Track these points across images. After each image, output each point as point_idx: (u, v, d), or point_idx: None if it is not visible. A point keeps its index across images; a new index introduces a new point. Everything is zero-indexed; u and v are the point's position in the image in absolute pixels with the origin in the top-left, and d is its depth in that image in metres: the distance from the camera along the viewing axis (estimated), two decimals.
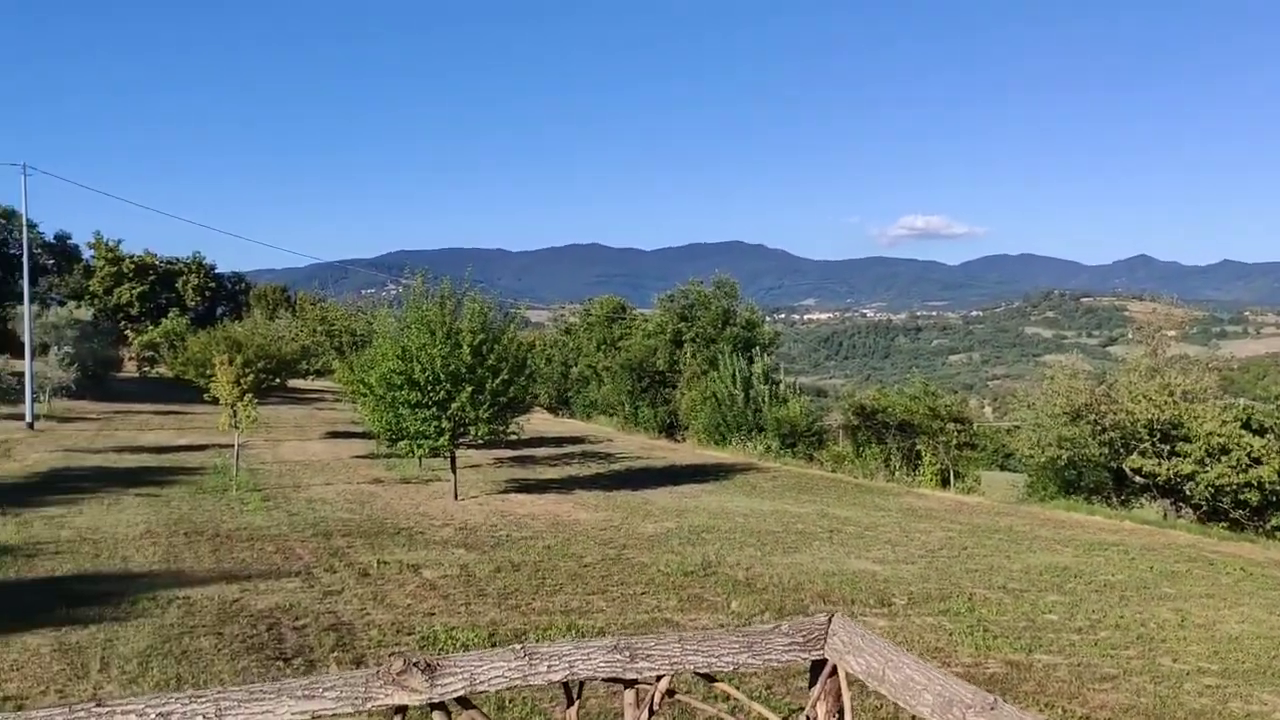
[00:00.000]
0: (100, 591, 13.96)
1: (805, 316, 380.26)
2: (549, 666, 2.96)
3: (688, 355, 45.19)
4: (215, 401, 30.09)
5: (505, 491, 25.77)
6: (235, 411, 26.84)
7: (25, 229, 45.90)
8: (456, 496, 24.16)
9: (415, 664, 2.82)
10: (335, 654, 11.66)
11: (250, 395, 27.77)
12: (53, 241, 69.38)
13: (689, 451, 38.74)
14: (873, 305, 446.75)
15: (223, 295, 75.92)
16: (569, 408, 54.59)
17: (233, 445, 27.52)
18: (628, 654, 3.06)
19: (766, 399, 38.23)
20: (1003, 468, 44.18)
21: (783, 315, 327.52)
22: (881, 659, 3.11)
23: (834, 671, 3.24)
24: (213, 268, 74.82)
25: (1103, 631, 13.77)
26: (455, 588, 15.20)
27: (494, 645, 12.16)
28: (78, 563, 15.75)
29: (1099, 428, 28.81)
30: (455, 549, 18.22)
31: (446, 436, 23.16)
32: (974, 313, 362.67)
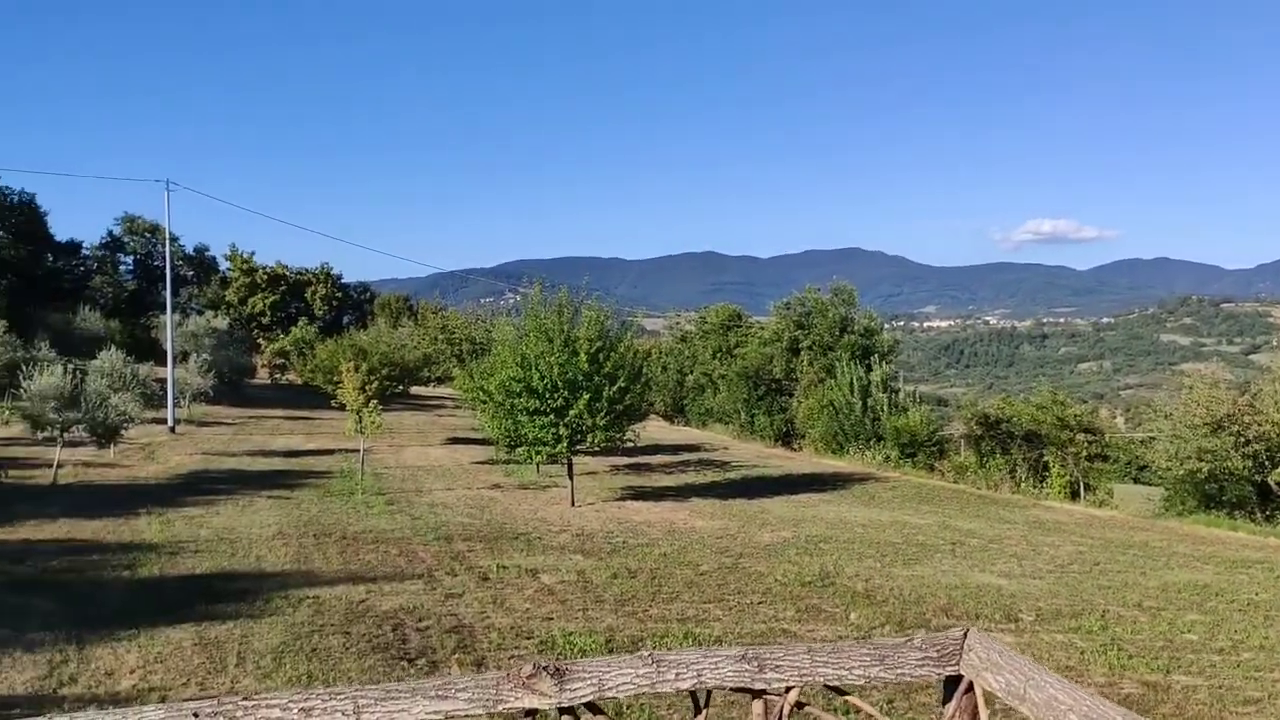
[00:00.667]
0: (236, 589, 14.52)
1: (924, 324, 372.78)
2: (677, 674, 2.92)
3: (804, 363, 44.72)
4: (342, 407, 31.10)
5: (621, 498, 25.88)
6: (361, 417, 27.66)
7: (168, 242, 48.29)
8: (573, 503, 24.37)
9: (545, 668, 2.82)
10: (457, 655, 11.85)
11: (375, 401, 28.60)
12: (192, 254, 72.77)
13: (806, 460, 38.30)
14: (995, 312, 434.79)
15: (349, 304, 78.37)
16: (684, 415, 54.58)
17: (358, 450, 28.36)
18: (756, 664, 3.00)
19: (885, 408, 37.53)
20: (1136, 480, 42.42)
21: (901, 322, 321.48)
22: (1022, 677, 2.97)
23: (970, 688, 3.11)
24: (339, 278, 77.35)
25: (1246, 653, 13.04)
26: (573, 593, 15.31)
27: (611, 651, 12.21)
28: (216, 561, 16.41)
29: (1242, 439, 27.38)
30: (572, 555, 18.37)
31: (564, 443, 23.39)
32: (1105, 319, 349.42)
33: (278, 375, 61.41)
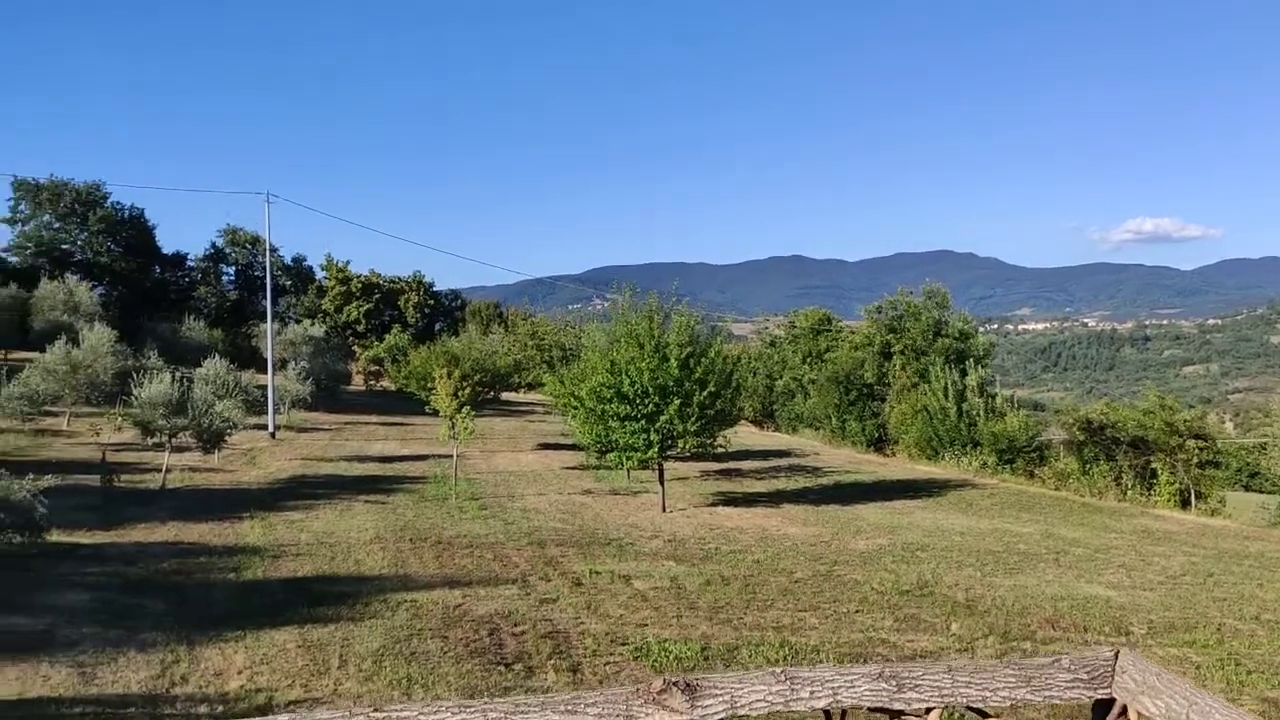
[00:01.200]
0: (336, 592, 14.78)
1: (1019, 327, 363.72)
2: (811, 692, 2.80)
3: (897, 367, 43.99)
4: (435, 413, 31.54)
5: (713, 504, 25.73)
6: (454, 423, 28.00)
7: (268, 253, 49.68)
8: (664, 509, 24.30)
9: (675, 684, 2.73)
10: (553, 661, 11.87)
11: (468, 407, 28.93)
12: (290, 264, 74.78)
13: (899, 466, 37.64)
14: (1094, 314, 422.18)
15: (440, 312, 79.63)
16: (774, 421, 54.15)
17: (451, 456, 28.71)
18: (894, 683, 2.86)
19: (981, 412, 36.66)
20: (1247, 488, 40.72)
21: (994, 325, 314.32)
22: (1184, 701, 2.76)
23: (1124, 712, 2.91)
24: (431, 286, 78.66)
25: None
26: (666, 600, 15.24)
27: (706, 659, 12.11)
28: (316, 565, 16.74)
29: None
30: (665, 561, 18.30)
31: (655, 449, 23.34)
32: (1211, 321, 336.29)
33: (372, 382, 62.61)
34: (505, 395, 52.10)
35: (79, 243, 64.30)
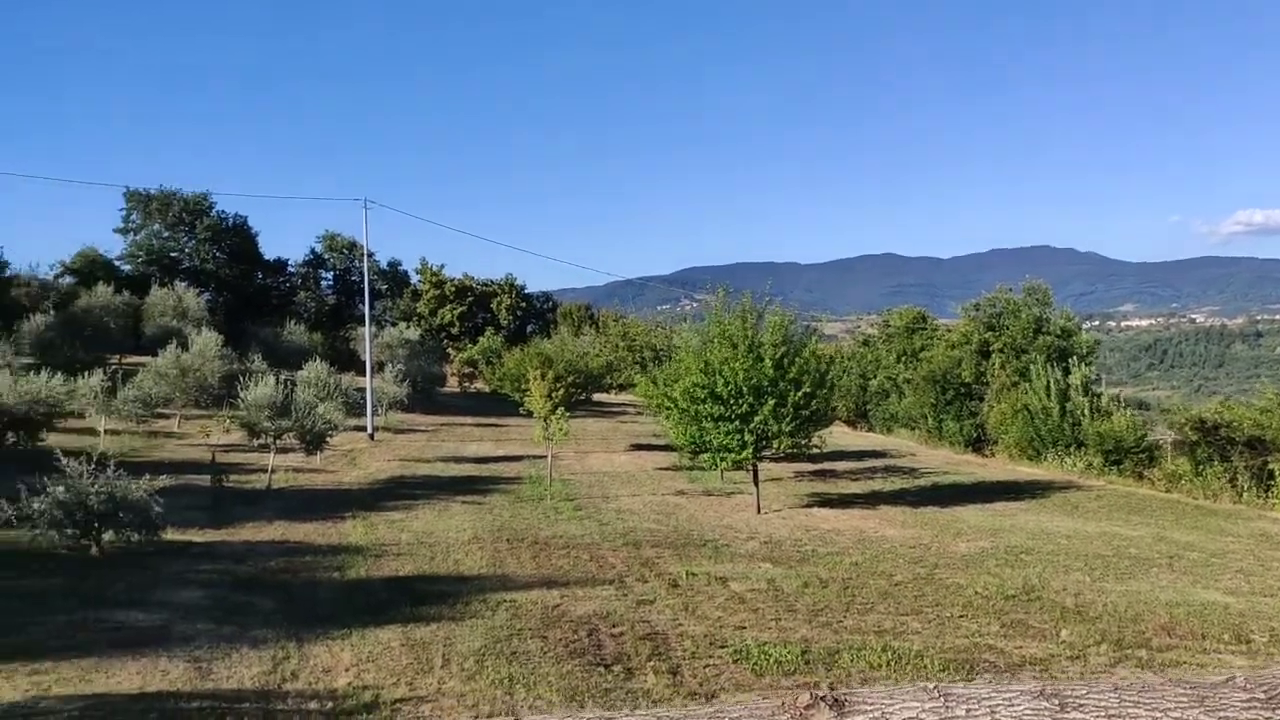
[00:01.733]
0: (437, 591, 14.99)
1: (1122, 323, 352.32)
2: (968, 710, 2.66)
3: (996, 366, 42.92)
4: (529, 414, 31.81)
5: (808, 505, 25.44)
6: (548, 424, 28.20)
7: (366, 258, 50.79)
8: (759, 510, 24.11)
9: (823, 698, 2.63)
10: (652, 663, 11.84)
11: (562, 409, 29.11)
12: (386, 269, 76.28)
13: (999, 467, 36.74)
14: (1202, 309, 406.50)
15: (532, 314, 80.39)
16: (868, 421, 53.35)
17: (546, 456, 28.92)
18: (1056, 702, 2.70)
19: (1086, 412, 35.51)
20: None
21: (1096, 322, 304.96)
22: None
23: None
24: (523, 288, 79.49)
25: None
26: (764, 602, 15.09)
27: (807, 662, 11.94)
28: (417, 564, 17.00)
29: None
30: (761, 563, 18.14)
31: (749, 449, 23.16)
32: None
33: (467, 384, 63.46)
34: (597, 396, 52.32)
35: (187, 250, 66.62)
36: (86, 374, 30.49)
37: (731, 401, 22.93)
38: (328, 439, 26.86)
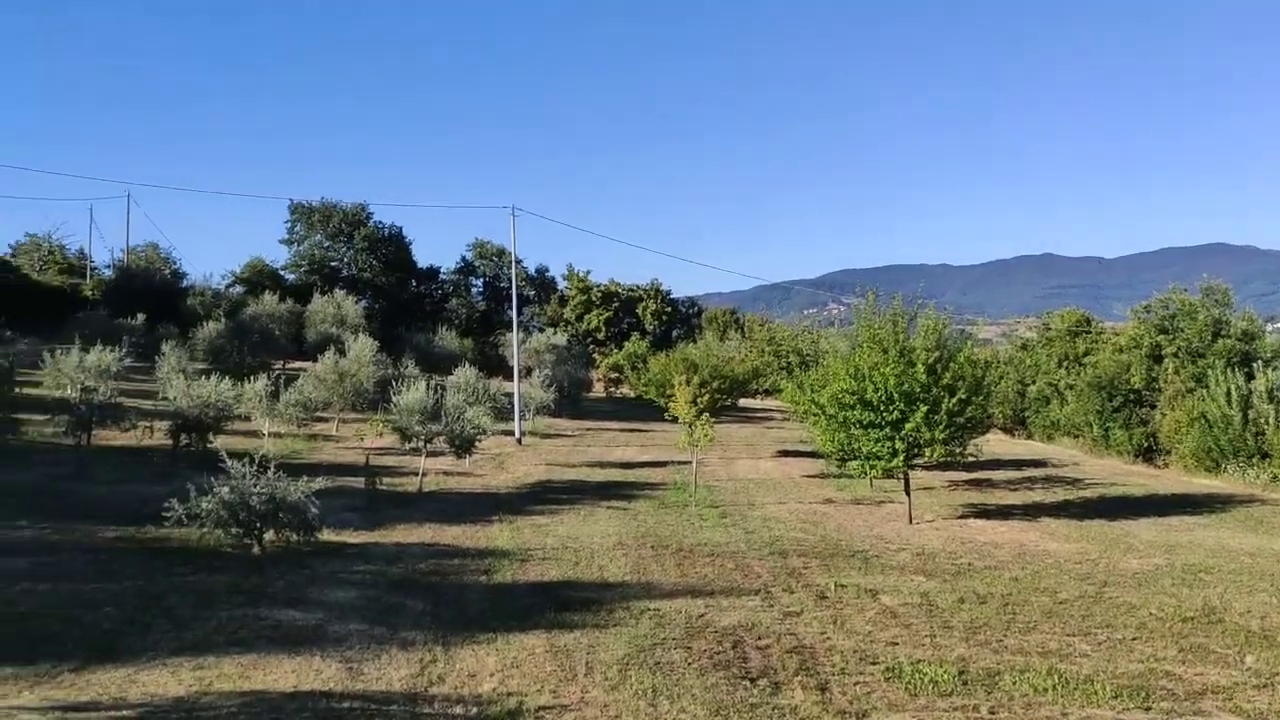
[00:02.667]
0: (582, 598, 14.94)
1: None
2: None
3: (1169, 371, 40.44)
4: (674, 420, 31.69)
5: (963, 516, 24.46)
6: (693, 429, 28.00)
7: (514, 265, 51.75)
8: (911, 520, 23.31)
9: None
10: (799, 678, 11.47)
11: (707, 414, 28.88)
12: (534, 275, 77.78)
13: (1173, 479, 34.62)
14: None
15: (677, 319, 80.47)
16: (1026, 428, 51.22)
17: (690, 462, 28.73)
18: None
19: (1271, 420, 33.04)
20: None
21: (1279, 325, 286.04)
22: None
23: None
24: (668, 293, 79.69)
25: None
26: (917, 617, 14.49)
27: (965, 683, 11.34)
28: (561, 569, 17.03)
29: None
30: (914, 575, 17.47)
31: (900, 457, 22.40)
32: None
33: (612, 389, 64.00)
34: (742, 401, 51.91)
35: (345, 260, 69.43)
36: (252, 379, 31.94)
37: (881, 408, 22.24)
38: (476, 443, 27.31)
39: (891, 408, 22.15)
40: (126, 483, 23.28)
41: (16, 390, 22.00)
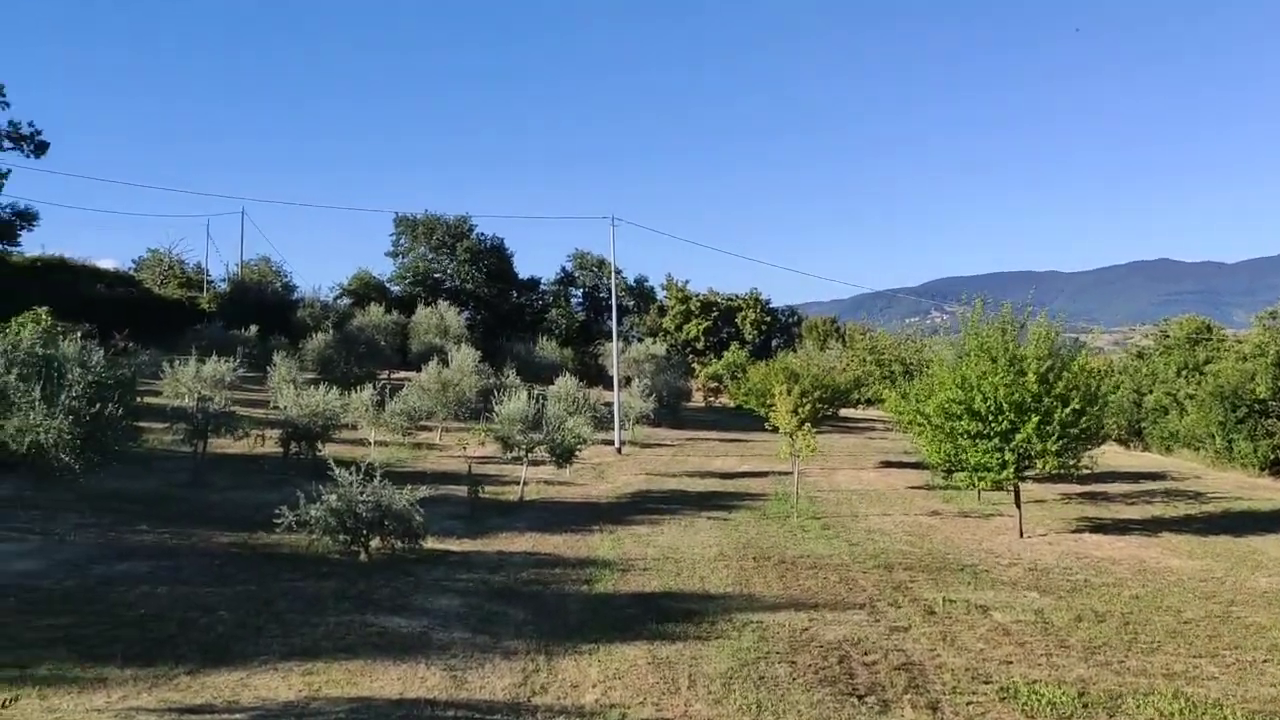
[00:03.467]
0: (683, 609, 14.78)
1: None
2: None
3: None
4: (775, 430, 31.27)
5: (1077, 530, 23.57)
6: (794, 440, 27.59)
7: (613, 275, 51.94)
8: (1022, 533, 22.56)
9: None
10: (909, 696, 11.14)
11: (808, 424, 28.43)
12: (633, 285, 77.94)
13: None
14: None
15: (777, 328, 79.75)
16: (1142, 439, 49.20)
17: (792, 473, 28.33)
18: None
19: None
20: None
21: None
22: None
23: None
24: (768, 302, 79.03)
25: None
26: (1032, 635, 13.97)
27: (1085, 706, 10.86)
28: (663, 580, 16.89)
29: None
30: (1026, 591, 16.87)
31: (1010, 469, 21.68)
32: None
33: (711, 399, 63.61)
34: (844, 411, 51.04)
35: (448, 271, 70.62)
36: (359, 388, 32.63)
37: (990, 418, 21.56)
38: (577, 453, 27.38)
39: (1001, 418, 21.46)
40: (239, 489, 23.97)
41: (139, 400, 22.79)
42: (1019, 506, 23.16)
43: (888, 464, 36.98)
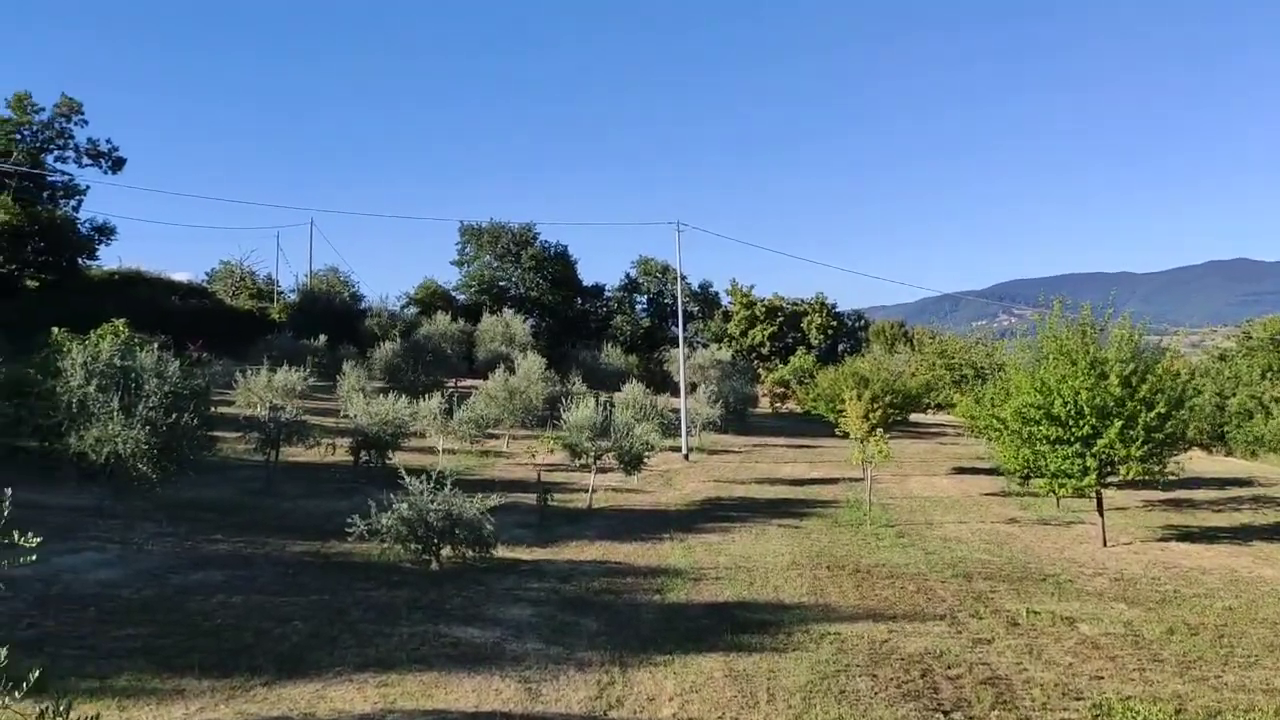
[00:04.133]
0: (758, 620, 14.50)
1: None
2: None
3: None
4: (844, 435, 30.82)
5: (1163, 539, 22.81)
6: (866, 445, 27.14)
7: (679, 280, 51.73)
8: (1105, 542, 21.86)
9: None
10: (996, 712, 10.77)
11: (880, 429, 27.96)
12: (698, 290, 77.63)
13: None
14: None
15: (843, 333, 78.91)
16: (1225, 444, 47.73)
17: (863, 479, 27.86)
18: None
19: None
20: None
21: None
22: None
23: None
24: (834, 307, 78.24)
25: None
26: (1122, 648, 13.46)
27: None
28: (736, 589, 16.62)
29: None
30: (1114, 603, 16.29)
31: (1092, 476, 21.02)
32: None
33: (778, 404, 63.10)
34: (913, 416, 50.25)
35: (513, 279, 71.01)
36: (427, 397, 32.82)
37: (1071, 423, 20.93)
38: (645, 459, 27.21)
39: (1082, 423, 20.82)
40: (311, 498, 24.19)
41: (212, 409, 23.13)
42: (1101, 514, 22.45)
43: (960, 470, 36.23)
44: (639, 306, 77.94)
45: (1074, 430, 20.99)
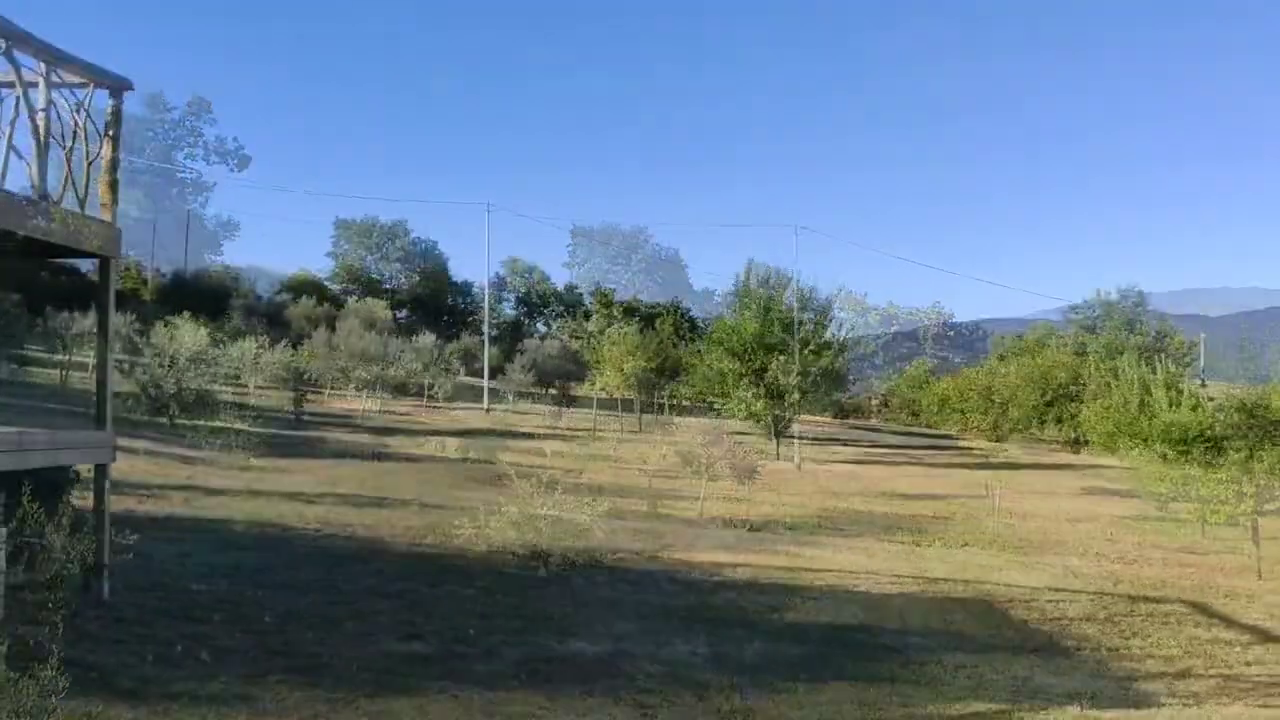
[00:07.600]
0: (882, 644, 13.59)
1: None
2: None
3: None
4: (964, 448, 29.45)
5: None
6: (990, 458, 25.82)
7: (795, 285, 50.72)
8: (1260, 575, 20.19)
9: None
10: None
11: (1003, 442, 26.60)
12: (807, 296, 76.20)
13: None
14: None
15: (959, 343, 76.65)
16: None
17: (985, 495, 26.58)
18: None
19: None
20: None
21: None
22: None
23: None
24: (950, 317, 76.06)
25: None
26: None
27: None
28: (855, 610, 15.69)
29: None
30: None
31: (1249, 502, 19.42)
32: None
33: (891, 414, 61.46)
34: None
35: (623, 281, 71.00)
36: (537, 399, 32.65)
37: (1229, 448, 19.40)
38: (757, 470, 26.53)
39: (1240, 444, 19.28)
40: None
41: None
42: (1257, 544, 20.76)
43: (1088, 490, 34.38)
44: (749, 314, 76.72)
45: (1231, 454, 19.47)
